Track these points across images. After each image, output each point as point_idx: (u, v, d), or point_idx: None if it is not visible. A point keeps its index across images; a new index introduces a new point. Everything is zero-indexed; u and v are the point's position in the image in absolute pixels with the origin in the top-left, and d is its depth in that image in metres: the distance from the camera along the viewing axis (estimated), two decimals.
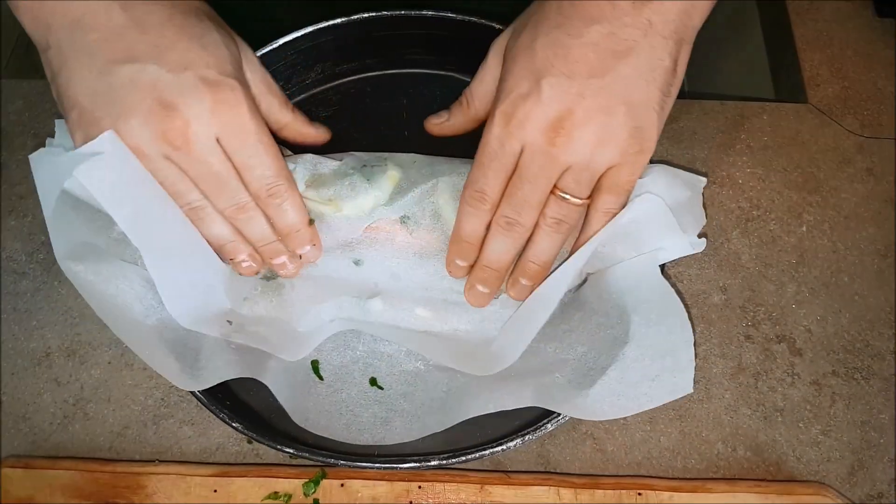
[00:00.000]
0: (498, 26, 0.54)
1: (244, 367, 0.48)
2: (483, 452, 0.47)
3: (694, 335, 0.56)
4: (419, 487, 0.50)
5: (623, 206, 0.46)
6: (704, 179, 0.50)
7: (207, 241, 0.47)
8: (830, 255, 0.60)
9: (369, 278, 0.51)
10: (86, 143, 0.41)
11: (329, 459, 0.47)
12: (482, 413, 0.47)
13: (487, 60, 0.48)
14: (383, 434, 0.48)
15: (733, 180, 0.62)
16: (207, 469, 0.51)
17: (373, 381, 0.50)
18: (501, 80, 0.44)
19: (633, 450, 0.54)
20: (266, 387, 0.51)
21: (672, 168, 0.49)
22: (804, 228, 0.61)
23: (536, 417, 0.49)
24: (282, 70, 0.57)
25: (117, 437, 0.55)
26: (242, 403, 0.52)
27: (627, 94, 0.41)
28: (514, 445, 0.47)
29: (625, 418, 0.55)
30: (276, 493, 0.50)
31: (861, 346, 0.57)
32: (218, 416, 0.48)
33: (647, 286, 0.48)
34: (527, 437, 0.47)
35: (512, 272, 0.49)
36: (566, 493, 0.49)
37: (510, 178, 0.44)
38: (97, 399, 0.56)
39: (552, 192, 0.44)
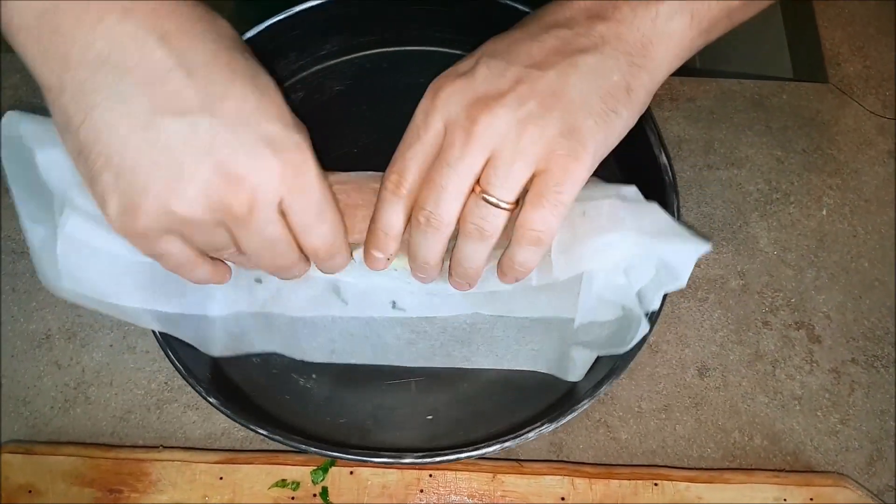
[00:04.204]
0: (522, 7, 0.52)
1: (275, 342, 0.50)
2: (459, 455, 0.46)
3: (712, 321, 0.56)
4: (430, 476, 0.49)
5: (550, 234, 0.39)
6: (707, 247, 0.43)
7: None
8: (850, 239, 0.58)
9: None
10: (124, 210, 0.35)
11: (300, 445, 0.45)
12: (513, 367, 0.50)
13: None
14: (408, 356, 0.50)
15: (752, 161, 0.60)
16: (213, 456, 0.50)
17: (394, 304, 0.50)
18: None
19: (648, 438, 0.53)
20: (252, 363, 0.51)
21: (673, 222, 0.44)
22: (824, 212, 0.59)
23: (511, 427, 0.48)
24: (297, 38, 0.55)
25: (120, 422, 0.53)
26: (225, 378, 0.51)
27: (566, 91, 0.38)
28: (494, 451, 0.46)
29: (639, 406, 0.54)
30: (283, 480, 0.49)
31: (881, 334, 0.55)
32: (195, 389, 0.46)
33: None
34: (506, 444, 0.46)
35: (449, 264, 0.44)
36: (580, 483, 0.48)
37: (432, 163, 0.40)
38: (99, 383, 0.54)
39: (474, 189, 0.39)
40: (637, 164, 0.52)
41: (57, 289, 0.43)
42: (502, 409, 0.50)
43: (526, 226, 0.38)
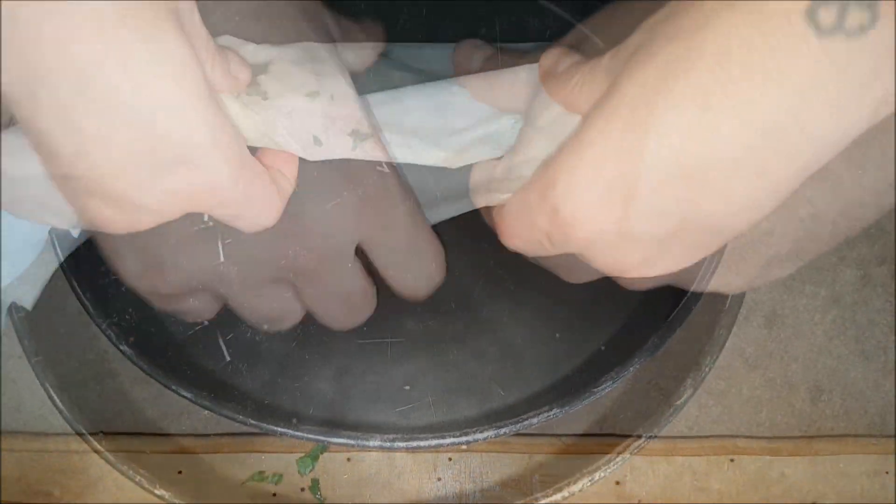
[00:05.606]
0: None
1: None
2: (441, 441, 0.35)
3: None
4: (449, 459, 0.39)
5: None
6: None
7: None
8: None
9: None
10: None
11: (236, 416, 0.35)
12: None
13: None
14: None
15: None
16: (169, 443, 0.40)
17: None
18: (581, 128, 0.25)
19: (709, 402, 0.44)
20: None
21: None
22: None
23: (512, 406, 0.39)
24: None
25: (49, 404, 0.42)
26: (155, 323, 0.40)
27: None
28: (486, 437, 0.35)
29: (697, 364, 0.44)
30: (261, 473, 0.39)
31: None
32: (96, 322, 0.36)
33: None
34: (502, 430, 0.35)
35: None
36: (639, 462, 0.39)
37: None
38: (21, 355, 0.43)
39: None
40: None
41: None
42: (500, 379, 0.40)
43: None
